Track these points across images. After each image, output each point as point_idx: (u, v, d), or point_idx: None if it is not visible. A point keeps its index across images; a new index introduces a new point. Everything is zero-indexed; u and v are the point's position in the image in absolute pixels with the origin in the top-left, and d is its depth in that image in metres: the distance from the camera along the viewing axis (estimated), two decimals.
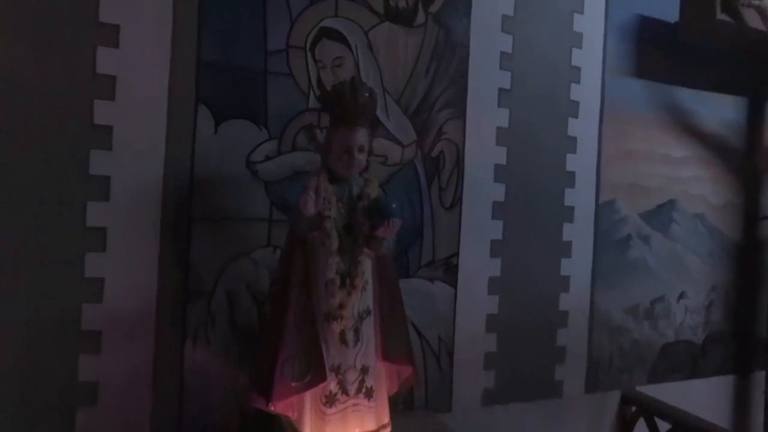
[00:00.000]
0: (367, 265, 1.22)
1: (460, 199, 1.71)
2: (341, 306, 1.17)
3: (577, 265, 1.91)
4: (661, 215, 2.08)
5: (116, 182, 1.30)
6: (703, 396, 2.11)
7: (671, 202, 2.11)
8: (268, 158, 1.45)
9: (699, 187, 2.17)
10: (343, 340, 1.17)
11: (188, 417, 1.34)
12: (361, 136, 1.21)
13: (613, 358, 1.98)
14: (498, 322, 1.76)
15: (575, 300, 1.91)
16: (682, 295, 2.13)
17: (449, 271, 1.69)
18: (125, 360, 1.30)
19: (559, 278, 1.89)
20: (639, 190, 2.04)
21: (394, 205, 1.19)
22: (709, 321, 2.20)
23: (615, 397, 1.99)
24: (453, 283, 1.69)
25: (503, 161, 1.78)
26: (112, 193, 1.30)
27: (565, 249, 1.89)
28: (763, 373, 2.22)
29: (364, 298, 1.20)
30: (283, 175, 1.47)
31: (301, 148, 1.49)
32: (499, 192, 1.77)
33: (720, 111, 2.23)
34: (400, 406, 1.58)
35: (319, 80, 1.51)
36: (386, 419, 1.22)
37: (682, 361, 2.13)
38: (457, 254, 1.70)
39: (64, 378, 1.25)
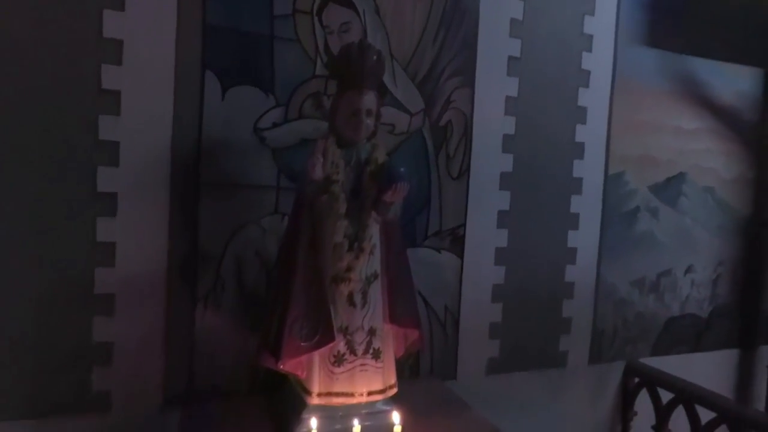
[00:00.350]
0: (374, 230, 1.23)
1: (468, 169, 1.71)
2: (349, 269, 1.18)
3: (584, 238, 1.91)
4: (670, 188, 2.07)
5: (125, 148, 1.31)
6: (707, 369, 2.13)
7: (681, 175, 2.09)
8: (275, 125, 1.46)
9: (710, 160, 2.15)
10: (351, 302, 1.19)
11: (199, 376, 1.38)
12: (369, 99, 1.20)
13: (618, 330, 2.00)
14: (504, 293, 1.78)
15: (581, 272, 1.91)
16: (689, 269, 2.13)
17: (456, 241, 1.70)
18: (138, 322, 1.33)
19: (566, 250, 1.89)
20: (649, 162, 2.02)
21: (401, 170, 1.20)
22: (716, 295, 2.20)
23: (618, 368, 2.02)
24: (459, 253, 1.71)
25: (511, 131, 1.76)
26: (121, 159, 1.31)
27: (573, 221, 1.89)
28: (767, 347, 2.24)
29: (371, 261, 1.22)
30: (290, 143, 1.47)
31: (309, 116, 1.49)
32: (507, 162, 1.77)
33: (734, 82, 2.19)
34: (407, 373, 1.61)
35: (326, 46, 1.49)
36: (393, 380, 1.25)
37: (687, 334, 2.15)
38: (464, 224, 1.71)
39: (80, 339, 1.29)
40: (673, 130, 2.07)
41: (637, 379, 1.98)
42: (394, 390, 1.24)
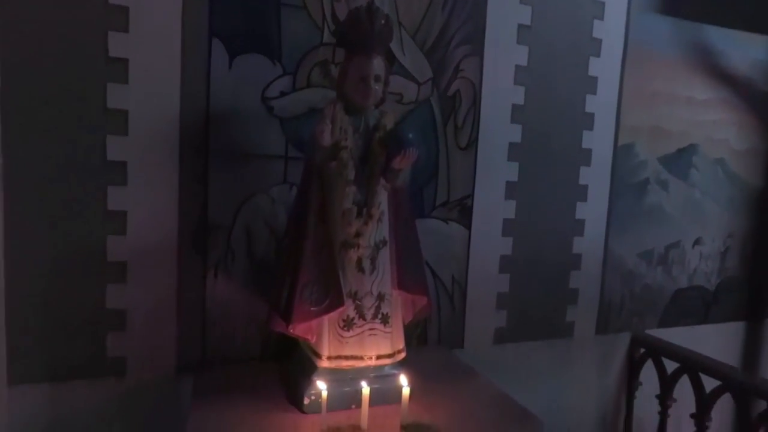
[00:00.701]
0: (383, 196, 1.22)
1: (476, 139, 1.68)
2: (358, 235, 1.18)
3: (593, 209, 1.90)
4: (680, 160, 2.04)
5: (134, 116, 1.31)
6: (714, 341, 2.12)
7: (692, 147, 2.06)
8: (282, 94, 1.44)
9: (722, 132, 2.11)
10: (359, 267, 1.19)
11: (212, 343, 1.40)
12: (377, 64, 1.19)
13: (625, 301, 2.00)
14: (511, 264, 1.78)
15: (589, 243, 1.90)
16: (697, 241, 2.11)
17: (464, 211, 1.69)
18: (150, 289, 1.34)
19: (574, 222, 1.88)
20: (659, 133, 1.98)
21: (410, 136, 1.18)
22: (724, 267, 2.18)
23: (625, 339, 2.02)
24: (467, 224, 1.70)
25: (521, 101, 1.73)
26: (130, 127, 1.31)
27: (581, 193, 1.87)
28: None
29: (380, 228, 1.22)
30: (298, 112, 1.45)
31: (316, 85, 1.47)
32: (515, 133, 1.74)
33: (750, 51, 2.13)
34: (415, 342, 1.62)
35: (333, 14, 1.46)
36: (401, 345, 1.26)
37: (694, 306, 2.14)
38: (471, 195, 1.70)
39: (94, 306, 1.30)
40: (685, 101, 2.03)
41: (642, 350, 1.99)
42: (403, 354, 1.25)
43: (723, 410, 1.78)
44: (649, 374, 1.96)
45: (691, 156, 2.06)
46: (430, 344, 1.68)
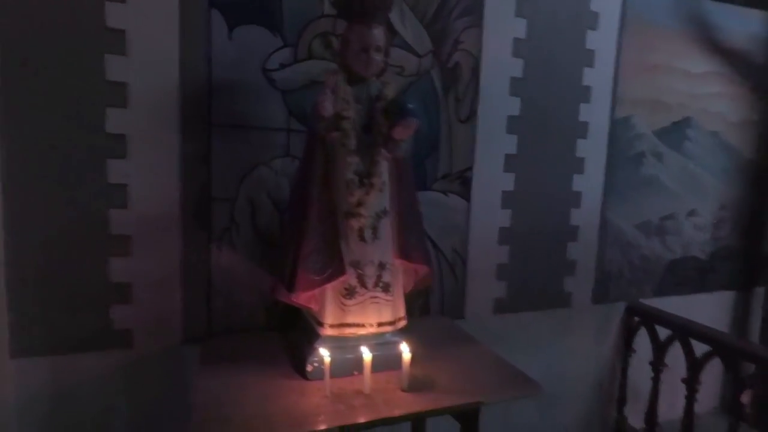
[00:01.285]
0: (384, 167, 1.13)
1: (476, 112, 1.58)
2: (359, 204, 1.10)
3: (590, 181, 1.80)
4: (676, 132, 1.92)
5: (133, 88, 1.21)
6: (707, 309, 2.04)
7: (687, 120, 1.94)
8: (283, 66, 1.34)
9: (717, 104, 1.99)
10: (361, 237, 1.11)
11: (217, 314, 1.32)
12: (378, 34, 1.11)
13: (622, 271, 1.91)
14: (510, 235, 1.69)
15: (586, 215, 1.81)
16: (692, 213, 2.01)
17: (464, 184, 1.59)
18: (155, 262, 1.26)
19: (571, 193, 1.78)
20: (655, 106, 1.87)
21: (411, 106, 1.10)
22: (717, 238, 2.09)
23: (620, 308, 1.94)
24: (467, 196, 1.60)
25: (519, 74, 1.62)
26: (129, 99, 1.21)
27: (578, 165, 1.77)
28: (764, 288, 2.14)
29: (381, 198, 1.13)
30: (299, 84, 1.35)
31: (318, 56, 1.36)
32: (514, 106, 1.63)
33: (747, 25, 2.00)
34: (417, 312, 1.55)
35: None
36: (402, 313, 1.17)
37: (688, 276, 2.05)
38: (471, 168, 1.60)
39: (98, 279, 1.22)
40: (681, 74, 1.90)
41: (637, 318, 1.91)
42: (404, 322, 1.17)
43: (713, 374, 1.70)
44: (643, 342, 1.89)
45: (686, 129, 1.94)
46: (432, 314, 1.61)
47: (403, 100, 1.15)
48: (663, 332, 1.82)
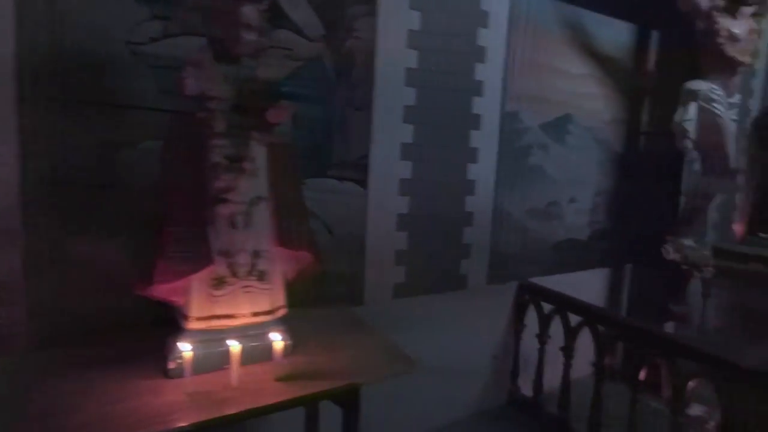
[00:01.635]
0: (258, 151, 1.02)
1: (371, 100, 1.51)
2: (228, 189, 0.97)
3: (483, 170, 1.81)
4: (558, 127, 2.01)
5: None
6: (587, 284, 2.17)
7: (568, 116, 2.03)
8: (154, 40, 1.16)
9: (593, 103, 2.10)
10: (232, 224, 0.99)
11: (74, 312, 1.12)
12: (250, 12, 0.99)
13: (514, 253, 1.96)
14: (408, 222, 1.65)
15: (480, 202, 1.82)
16: (572, 199, 2.12)
17: (360, 171, 1.52)
18: None
19: (466, 181, 1.78)
20: (541, 102, 1.93)
21: (285, 89, 1.00)
22: (594, 221, 2.22)
23: (513, 287, 1.99)
24: (364, 184, 1.53)
25: (414, 65, 1.57)
26: None
27: (472, 155, 1.77)
28: (631, 265, 2.31)
29: (255, 183, 1.02)
30: (170, 60, 1.18)
31: (192, 32, 1.20)
32: (409, 96, 1.58)
33: (617, 34, 2.13)
34: (313, 300, 1.44)
35: None
36: (281, 301, 1.08)
37: (571, 255, 2.16)
38: (368, 155, 1.53)
39: None
40: (563, 74, 1.98)
41: (526, 296, 1.97)
42: (283, 311, 1.07)
43: (587, 342, 1.79)
44: (534, 317, 1.95)
45: (567, 124, 2.03)
46: (330, 302, 1.52)
47: (278, 83, 1.05)
48: (548, 308, 1.90)
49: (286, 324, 1.07)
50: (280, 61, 1.29)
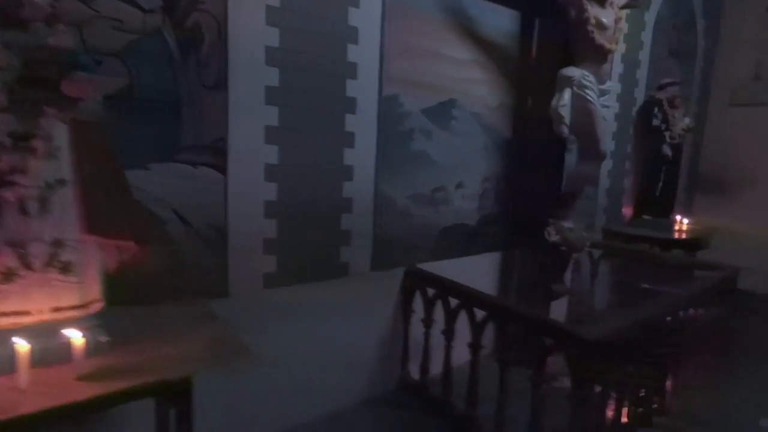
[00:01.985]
0: (57, 129, 0.96)
1: (226, 79, 1.47)
2: (14, 171, 0.91)
3: (361, 156, 1.84)
4: (442, 112, 2.09)
5: None
6: (477, 269, 2.30)
7: (452, 101, 2.12)
8: None
9: (478, 89, 2.21)
10: (22, 210, 0.93)
11: None
12: None
13: (400, 239, 2.02)
14: (277, 209, 1.64)
15: (360, 188, 1.86)
16: (460, 185, 2.22)
17: (217, 155, 1.49)
18: None
19: (343, 167, 1.80)
20: (422, 86, 1.99)
21: (81, 58, 0.94)
22: (482, 206, 2.35)
23: (400, 273, 2.06)
24: (222, 169, 1.50)
25: (275, 44, 1.56)
26: None
27: (348, 139, 1.80)
28: (518, 250, 2.47)
29: (54, 165, 0.96)
30: None
31: None
32: (272, 76, 1.57)
33: (501, 21, 2.24)
34: (165, 292, 1.40)
35: None
36: (96, 295, 1.03)
37: (459, 241, 2.27)
38: (225, 138, 1.49)
39: None
40: (447, 59, 2.06)
41: (413, 282, 2.05)
42: (98, 305, 1.03)
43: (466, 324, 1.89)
44: (421, 302, 2.03)
45: (451, 109, 2.12)
46: (188, 295, 1.48)
47: (76, 53, 0.98)
48: (432, 293, 1.98)
49: (111, 320, 1.03)
50: (111, 34, 1.22)
